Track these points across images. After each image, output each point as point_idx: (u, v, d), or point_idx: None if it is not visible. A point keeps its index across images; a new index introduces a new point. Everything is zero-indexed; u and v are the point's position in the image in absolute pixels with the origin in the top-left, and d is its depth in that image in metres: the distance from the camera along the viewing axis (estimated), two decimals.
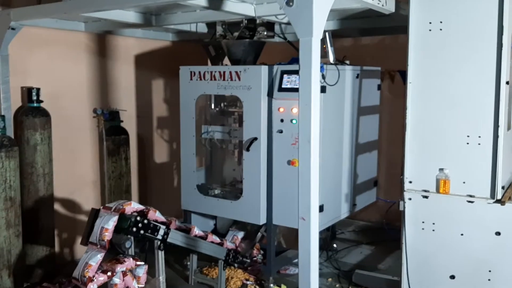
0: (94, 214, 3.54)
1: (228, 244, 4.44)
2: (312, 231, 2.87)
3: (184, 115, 4.75)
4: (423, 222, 3.68)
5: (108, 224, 3.35)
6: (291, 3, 2.72)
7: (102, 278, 3.32)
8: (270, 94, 4.26)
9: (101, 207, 3.55)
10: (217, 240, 4.31)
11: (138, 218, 3.47)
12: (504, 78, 3.31)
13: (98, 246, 3.38)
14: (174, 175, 6.10)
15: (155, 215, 3.66)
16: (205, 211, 4.75)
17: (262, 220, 4.36)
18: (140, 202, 5.70)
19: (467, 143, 3.49)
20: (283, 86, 4.20)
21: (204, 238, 4.15)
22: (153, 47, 5.83)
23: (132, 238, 3.54)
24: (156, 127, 5.94)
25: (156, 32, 5.56)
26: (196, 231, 4.07)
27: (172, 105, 5.83)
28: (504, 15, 3.26)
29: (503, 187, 3.47)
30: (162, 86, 5.97)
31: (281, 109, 4.25)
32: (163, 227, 3.63)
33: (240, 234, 4.70)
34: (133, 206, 3.54)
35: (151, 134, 5.91)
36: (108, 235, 3.36)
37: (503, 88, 3.32)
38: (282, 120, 4.25)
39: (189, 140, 4.75)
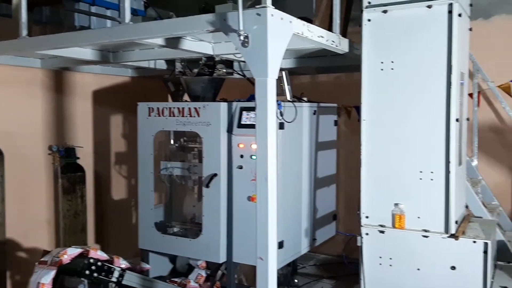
0: None
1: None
2: (270, 270, 2.84)
3: (142, 151, 4.69)
4: (380, 257, 3.71)
5: (45, 279, 3.26)
6: (246, 44, 2.76)
7: None
8: (229, 130, 4.27)
9: (36, 263, 3.45)
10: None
11: (91, 261, 3.36)
12: (453, 115, 3.44)
13: None
14: (133, 213, 5.97)
15: (97, 253, 3.55)
16: (163, 250, 4.64)
17: (222, 258, 4.30)
18: (96, 241, 5.61)
19: (420, 179, 3.57)
20: (242, 122, 4.22)
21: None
22: (111, 83, 5.79)
23: (86, 281, 3.42)
24: (114, 163, 5.83)
25: (115, 68, 5.53)
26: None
27: (131, 141, 5.75)
28: (452, 54, 3.41)
29: (456, 222, 3.55)
30: (121, 122, 5.90)
31: (241, 145, 4.25)
32: (118, 269, 3.53)
33: (204, 272, 4.62)
34: (69, 253, 3.42)
35: (109, 171, 5.79)
36: None
37: (453, 125, 3.44)
38: (242, 156, 4.25)
39: (147, 176, 4.67)
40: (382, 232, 3.70)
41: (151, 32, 3.22)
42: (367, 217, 3.76)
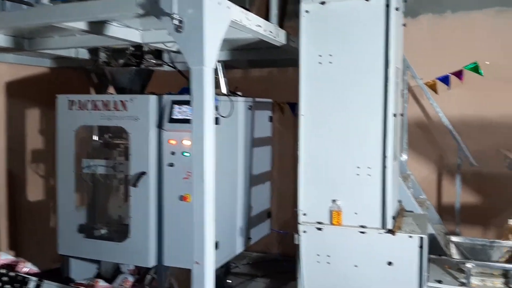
0: None
1: None
2: (207, 275, 2.66)
3: (61, 148, 4.30)
4: (318, 255, 3.64)
5: None
6: (180, 30, 2.54)
7: None
8: (159, 126, 4.02)
9: None
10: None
11: (3, 271, 2.98)
12: (390, 110, 3.42)
13: None
14: (51, 215, 5.51)
15: None
16: (86, 255, 4.28)
17: (152, 262, 4.03)
18: (10, 247, 5.09)
19: (357, 174, 3.53)
20: (173, 117, 3.98)
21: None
22: (27, 74, 5.29)
23: None
24: (30, 161, 5.34)
25: (31, 57, 5.05)
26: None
27: (49, 138, 5.29)
28: (389, 49, 3.39)
29: (393, 217, 3.54)
30: (38, 116, 5.42)
31: (172, 142, 4.01)
32: (34, 279, 3.17)
33: (131, 278, 4.31)
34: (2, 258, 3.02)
35: (24, 170, 5.30)
36: None
37: (390, 120, 3.42)
38: (173, 153, 4.02)
39: (67, 175, 4.29)
40: (319, 229, 3.62)
41: (73, 15, 2.90)
42: (304, 214, 3.66)
